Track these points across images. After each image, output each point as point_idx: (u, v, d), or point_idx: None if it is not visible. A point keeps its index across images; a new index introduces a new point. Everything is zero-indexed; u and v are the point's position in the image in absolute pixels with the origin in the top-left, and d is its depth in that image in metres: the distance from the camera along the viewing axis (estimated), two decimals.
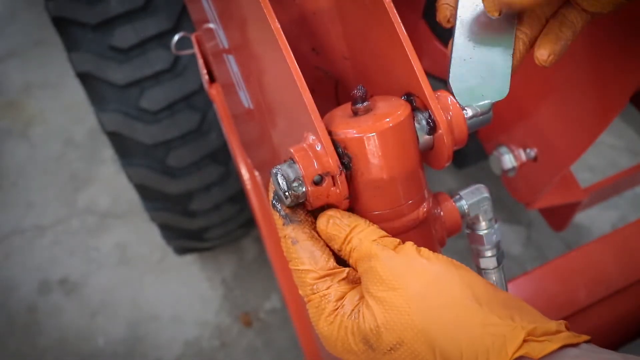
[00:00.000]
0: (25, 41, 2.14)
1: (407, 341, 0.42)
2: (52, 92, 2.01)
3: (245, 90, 0.76)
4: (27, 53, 2.12)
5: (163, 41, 1.11)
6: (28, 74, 2.06)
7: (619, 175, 1.31)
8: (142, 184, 1.21)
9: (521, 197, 1.14)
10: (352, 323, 0.44)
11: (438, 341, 0.41)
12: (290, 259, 0.49)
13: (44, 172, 1.86)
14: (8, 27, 2.19)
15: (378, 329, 0.42)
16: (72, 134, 1.93)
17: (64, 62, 1.22)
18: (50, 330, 1.58)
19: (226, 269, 1.65)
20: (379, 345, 0.43)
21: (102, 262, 1.68)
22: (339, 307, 0.45)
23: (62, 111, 1.97)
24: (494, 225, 0.57)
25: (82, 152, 1.89)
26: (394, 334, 0.42)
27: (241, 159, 1.05)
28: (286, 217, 0.49)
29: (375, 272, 0.44)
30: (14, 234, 1.74)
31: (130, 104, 1.12)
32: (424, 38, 1.05)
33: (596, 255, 1.10)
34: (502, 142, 1.04)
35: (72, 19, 1.11)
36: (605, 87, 0.82)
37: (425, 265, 0.44)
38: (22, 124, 1.96)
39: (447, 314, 0.41)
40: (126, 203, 1.76)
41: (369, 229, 0.46)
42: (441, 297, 0.42)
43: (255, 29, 0.55)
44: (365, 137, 0.44)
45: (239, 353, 1.52)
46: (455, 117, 0.48)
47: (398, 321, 0.42)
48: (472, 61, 0.52)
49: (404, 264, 0.44)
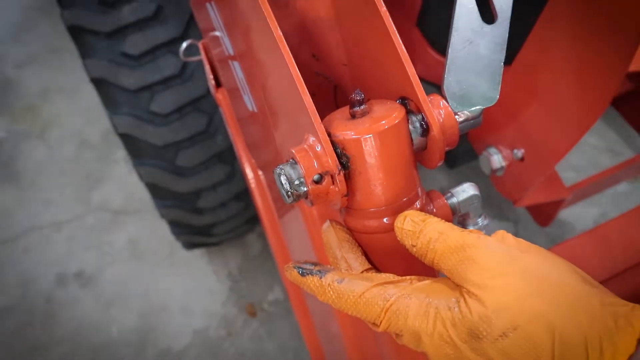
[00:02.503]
0: (42, 49, 2.14)
1: (522, 325, 0.38)
2: (68, 97, 2.01)
3: (250, 95, 0.76)
4: (44, 60, 2.12)
5: (172, 48, 1.11)
6: (45, 80, 2.06)
7: (600, 174, 1.31)
8: (153, 182, 1.21)
9: (509, 195, 1.14)
10: (453, 315, 0.41)
11: (557, 323, 0.38)
12: (344, 297, 0.45)
13: (60, 172, 1.86)
14: (26, 35, 2.18)
15: (487, 316, 0.39)
16: (86, 136, 1.93)
17: (79, 68, 1.22)
18: (67, 321, 1.58)
19: (232, 263, 1.65)
20: (489, 332, 0.39)
21: (115, 257, 1.68)
22: (429, 304, 0.42)
23: (77, 114, 1.97)
24: (484, 222, 0.57)
25: (96, 153, 1.89)
26: (507, 319, 0.39)
27: (246, 159, 1.05)
28: (319, 272, 0.47)
29: (476, 260, 0.41)
30: (33, 230, 1.74)
31: (141, 108, 1.12)
32: (417, 45, 1.05)
33: (579, 250, 1.11)
34: (491, 143, 1.04)
35: (87, 27, 1.11)
36: (588, 91, 0.82)
37: (531, 251, 0.42)
38: (40, 126, 1.97)
39: (564, 296, 0.39)
40: (138, 201, 1.76)
41: (444, 223, 0.44)
42: (555, 280, 0.40)
43: (259, 37, 0.54)
44: (362, 138, 0.44)
45: (245, 342, 1.52)
46: (447, 120, 0.48)
47: (512, 305, 0.39)
48: (465, 69, 0.52)
49: (508, 251, 0.42)
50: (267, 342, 1.52)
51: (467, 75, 0.51)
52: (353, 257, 0.49)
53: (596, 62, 0.77)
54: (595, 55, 0.76)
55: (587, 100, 0.82)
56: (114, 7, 1.11)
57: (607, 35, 0.73)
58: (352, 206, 0.48)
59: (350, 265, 0.49)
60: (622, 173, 1.36)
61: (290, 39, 0.48)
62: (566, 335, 0.38)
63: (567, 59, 0.82)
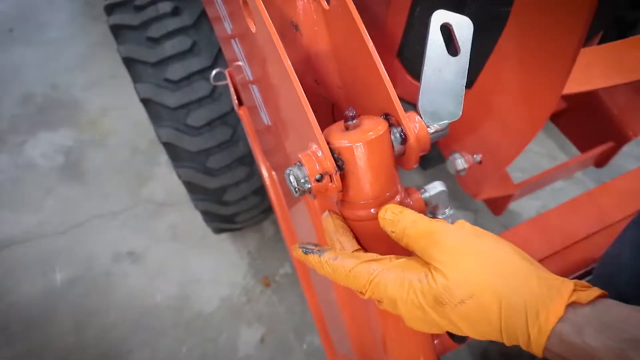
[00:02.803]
0: (103, 75, 2.14)
1: (476, 294, 0.39)
2: (123, 113, 2.01)
3: (265, 111, 0.75)
4: (104, 84, 2.12)
5: (204, 75, 1.11)
6: (105, 100, 2.06)
7: (541, 174, 1.32)
8: (189, 181, 1.21)
9: (470, 190, 1.14)
10: (422, 285, 0.41)
11: (503, 292, 0.38)
12: (338, 271, 0.45)
13: (116, 171, 1.86)
14: (91, 65, 2.19)
15: (449, 287, 0.40)
16: (137, 143, 1.93)
17: (131, 90, 1.22)
18: (121, 289, 1.58)
19: (251, 244, 1.65)
20: (450, 300, 0.40)
21: (158, 239, 1.68)
22: (403, 277, 0.42)
23: (130, 127, 1.97)
24: (450, 211, 0.57)
25: (145, 157, 1.89)
26: (464, 289, 0.39)
27: (262, 162, 1.05)
28: (319, 251, 0.47)
29: (440, 243, 0.42)
30: (95, 218, 1.74)
31: (179, 122, 1.12)
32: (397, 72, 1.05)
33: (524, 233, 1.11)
34: (456, 150, 1.04)
35: (137, 58, 1.11)
36: (531, 108, 0.82)
37: (483, 235, 0.42)
38: (100, 136, 1.96)
39: (509, 272, 0.39)
40: (176, 195, 1.76)
41: (416, 214, 0.45)
42: (501, 259, 0.40)
43: (273, 66, 0.55)
44: (354, 146, 0.44)
45: (261, 306, 1.53)
46: (420, 132, 0.48)
47: (468, 278, 0.39)
48: (435, 92, 0.52)
49: (466, 236, 0.42)
50: (279, 306, 1.52)
51: (436, 96, 0.51)
52: (346, 240, 0.49)
53: (538, 86, 0.77)
54: (536, 81, 0.77)
55: (531, 116, 0.82)
56: (159, 43, 1.11)
57: (546, 66, 0.73)
58: (346, 199, 0.48)
59: (343, 246, 0.49)
60: (558, 173, 1.36)
61: (297, 68, 0.48)
62: (510, 302, 0.38)
63: (515, 84, 0.82)
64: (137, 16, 1.13)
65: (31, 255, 1.67)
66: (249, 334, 1.48)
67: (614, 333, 0.34)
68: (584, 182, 1.75)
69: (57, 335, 1.51)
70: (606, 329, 0.35)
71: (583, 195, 1.18)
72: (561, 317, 0.36)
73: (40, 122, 2.01)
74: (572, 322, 0.36)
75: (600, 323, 0.35)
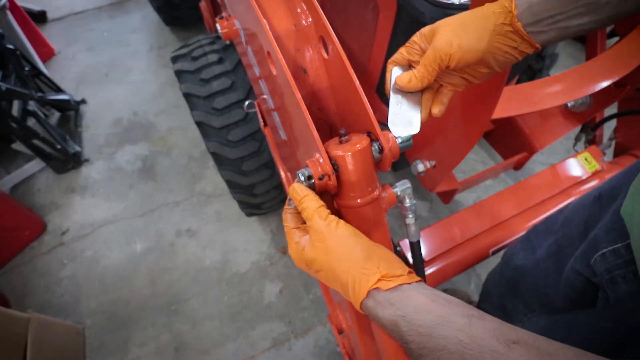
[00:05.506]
0: (169, 105, 2.14)
1: (324, 269, 0.41)
2: (183, 132, 2.01)
3: (283, 130, 0.75)
4: (170, 112, 2.11)
5: (239, 105, 1.10)
6: (170, 122, 2.06)
7: (476, 175, 1.31)
8: (229, 179, 1.21)
9: (427, 186, 1.14)
10: (302, 252, 0.43)
11: (337, 273, 0.40)
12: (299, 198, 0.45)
13: (178, 173, 1.86)
14: (160, 98, 2.18)
15: (310, 260, 0.42)
16: (192, 153, 1.93)
17: (188, 116, 1.22)
18: (182, 256, 1.58)
19: (272, 224, 1.65)
20: (311, 267, 0.43)
21: (208, 220, 1.68)
22: (298, 242, 0.44)
23: (188, 141, 1.97)
24: (413, 201, 0.57)
25: (198, 163, 1.89)
26: (318, 265, 0.42)
27: (280, 166, 1.05)
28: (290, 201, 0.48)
29: (313, 228, 0.42)
30: (163, 206, 1.74)
31: (222, 138, 1.12)
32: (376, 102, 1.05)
33: (465, 216, 1.10)
34: (417, 157, 1.04)
35: (193, 93, 1.11)
36: (470, 128, 0.81)
37: (338, 230, 0.42)
38: (167, 148, 1.96)
39: (345, 260, 0.40)
40: (220, 189, 1.76)
41: (314, 199, 0.44)
42: (343, 250, 0.41)
43: (288, 99, 0.54)
44: (346, 155, 0.44)
45: (280, 268, 1.52)
46: (392, 145, 0.47)
47: (319, 258, 0.41)
48: (399, 114, 0.51)
49: (326, 228, 0.42)
50: (293, 269, 1.52)
51: (400, 117, 0.51)
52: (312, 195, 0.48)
53: (474, 113, 0.77)
54: (474, 110, 0.76)
55: (470, 134, 0.82)
56: (208, 82, 1.11)
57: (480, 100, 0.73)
58: (340, 193, 0.48)
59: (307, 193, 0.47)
60: (488, 174, 1.36)
61: (305, 99, 0.48)
62: (341, 280, 0.40)
63: (459, 112, 0.82)
64: (193, 64, 1.13)
65: (119, 231, 1.67)
66: (271, 288, 1.48)
67: (394, 309, 0.37)
68: (506, 181, 1.75)
69: (137, 287, 1.51)
70: (390, 306, 0.37)
71: (506, 189, 1.18)
72: (368, 294, 0.39)
73: (125, 139, 2.00)
74: (375, 299, 0.39)
75: (388, 302, 0.38)
